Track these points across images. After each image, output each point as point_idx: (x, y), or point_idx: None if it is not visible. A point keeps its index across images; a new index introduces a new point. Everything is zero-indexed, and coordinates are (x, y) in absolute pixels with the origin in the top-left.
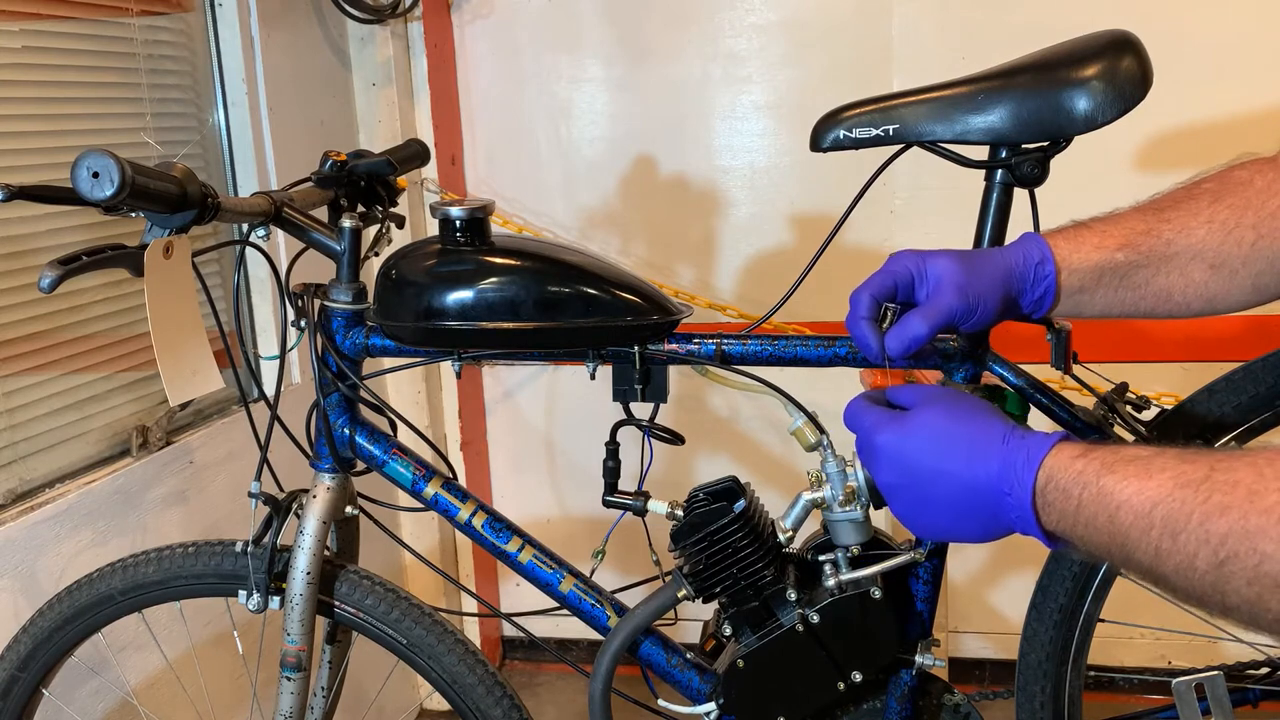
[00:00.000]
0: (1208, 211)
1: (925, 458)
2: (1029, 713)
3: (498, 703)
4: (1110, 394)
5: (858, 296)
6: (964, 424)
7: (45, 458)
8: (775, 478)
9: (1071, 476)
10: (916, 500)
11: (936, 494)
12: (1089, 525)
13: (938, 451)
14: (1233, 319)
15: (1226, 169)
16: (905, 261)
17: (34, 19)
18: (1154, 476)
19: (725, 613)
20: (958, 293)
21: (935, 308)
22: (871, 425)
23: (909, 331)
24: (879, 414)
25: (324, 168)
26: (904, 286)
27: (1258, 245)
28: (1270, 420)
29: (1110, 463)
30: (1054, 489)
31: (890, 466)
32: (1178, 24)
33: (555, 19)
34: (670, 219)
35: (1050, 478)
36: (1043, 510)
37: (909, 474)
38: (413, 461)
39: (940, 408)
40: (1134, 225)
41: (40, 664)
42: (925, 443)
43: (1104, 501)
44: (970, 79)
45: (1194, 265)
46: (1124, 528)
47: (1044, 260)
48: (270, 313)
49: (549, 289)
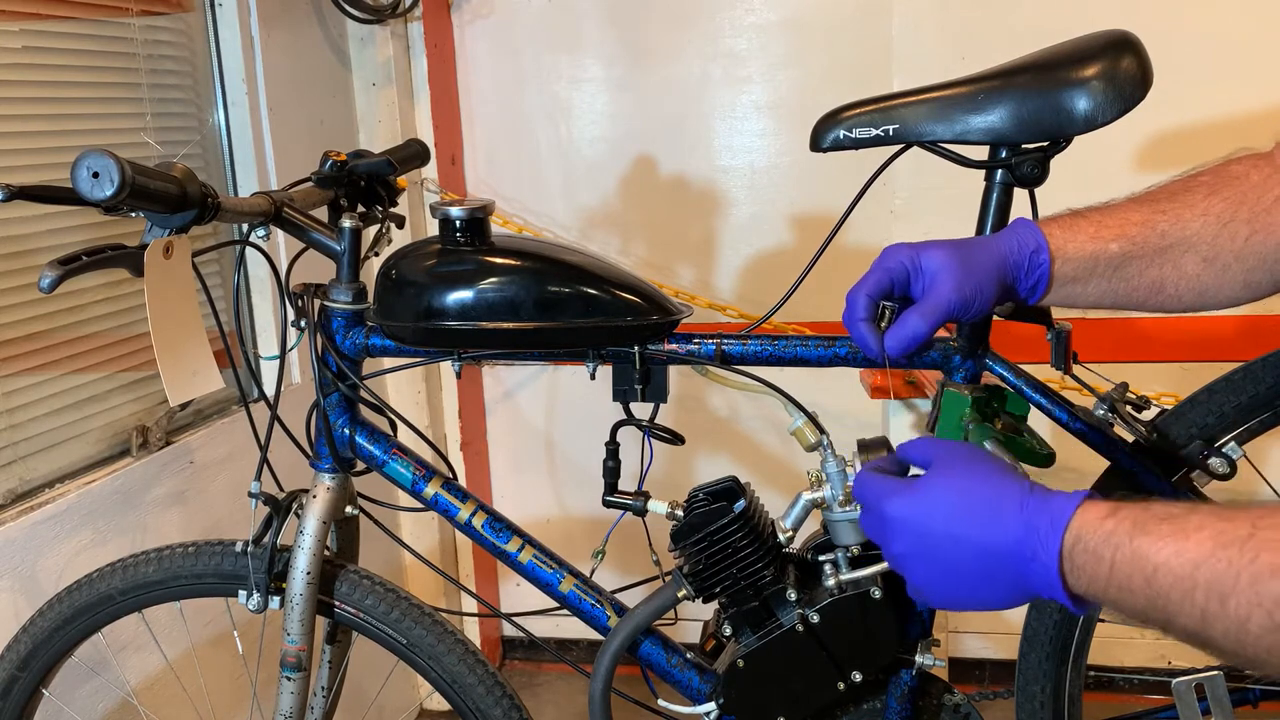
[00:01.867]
0: (1203, 204)
1: (940, 523)
2: (1029, 713)
3: (498, 703)
4: (1110, 394)
5: (854, 296)
6: (980, 485)
7: (45, 458)
8: (775, 478)
9: (1101, 538)
10: (932, 570)
11: (954, 562)
12: (1123, 589)
13: (953, 516)
14: (1233, 319)
15: (1223, 163)
16: (899, 256)
17: (34, 19)
18: (1191, 536)
19: (725, 613)
20: (954, 286)
21: (933, 304)
22: (879, 494)
23: (907, 330)
24: (886, 482)
25: (324, 168)
26: (900, 282)
27: (1251, 240)
28: (1270, 420)
29: (1142, 521)
30: (1082, 551)
31: (902, 535)
32: (1178, 24)
33: (555, 19)
34: (670, 219)
35: (1078, 539)
36: (1070, 574)
37: (923, 542)
38: (413, 461)
39: (954, 470)
40: (1129, 216)
41: (40, 664)
42: (939, 508)
43: (1139, 564)
44: (970, 79)
45: (1188, 258)
46: (1163, 591)
47: (1039, 248)
48: (270, 313)
49: (549, 289)
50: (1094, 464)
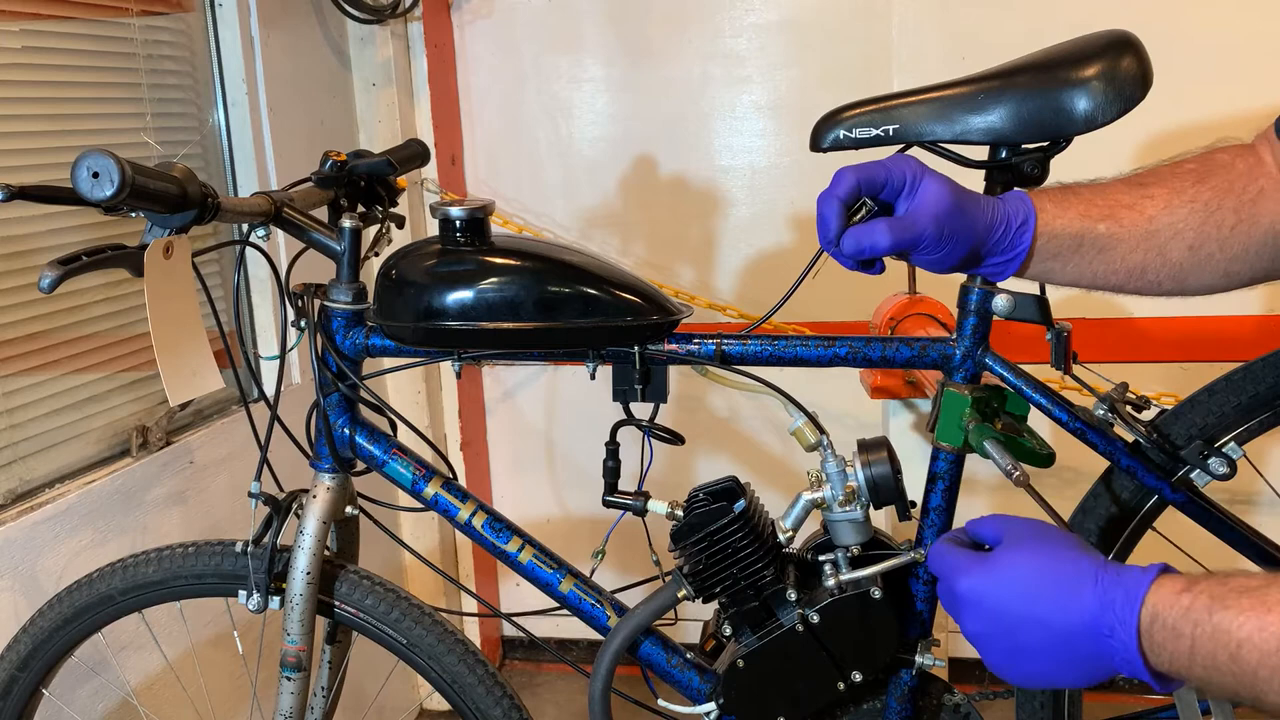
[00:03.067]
0: (1191, 191)
1: (1014, 603)
2: (1029, 713)
3: (498, 703)
4: (1110, 394)
5: (842, 174)
6: (1053, 563)
7: (45, 458)
8: (775, 478)
9: (1179, 614)
10: (1010, 649)
11: (1032, 642)
12: (1207, 666)
13: (1027, 596)
14: (1233, 319)
15: (1208, 151)
16: (906, 166)
17: (34, 19)
18: (1274, 610)
19: (725, 613)
20: (935, 221)
21: (907, 225)
22: (952, 569)
23: (869, 238)
24: (960, 556)
25: (324, 168)
26: (893, 187)
27: (1237, 229)
28: (1270, 420)
29: (1220, 596)
30: (1161, 628)
31: (977, 615)
32: (1178, 24)
33: (555, 19)
34: (670, 219)
35: (1155, 616)
36: (1150, 651)
37: (998, 622)
38: (413, 461)
39: (1025, 547)
40: (1119, 197)
41: (40, 664)
42: (1012, 587)
43: (1222, 640)
44: (970, 79)
45: (1173, 244)
46: (1250, 668)
47: (1025, 227)
48: (270, 313)
49: (549, 289)
50: (1094, 464)
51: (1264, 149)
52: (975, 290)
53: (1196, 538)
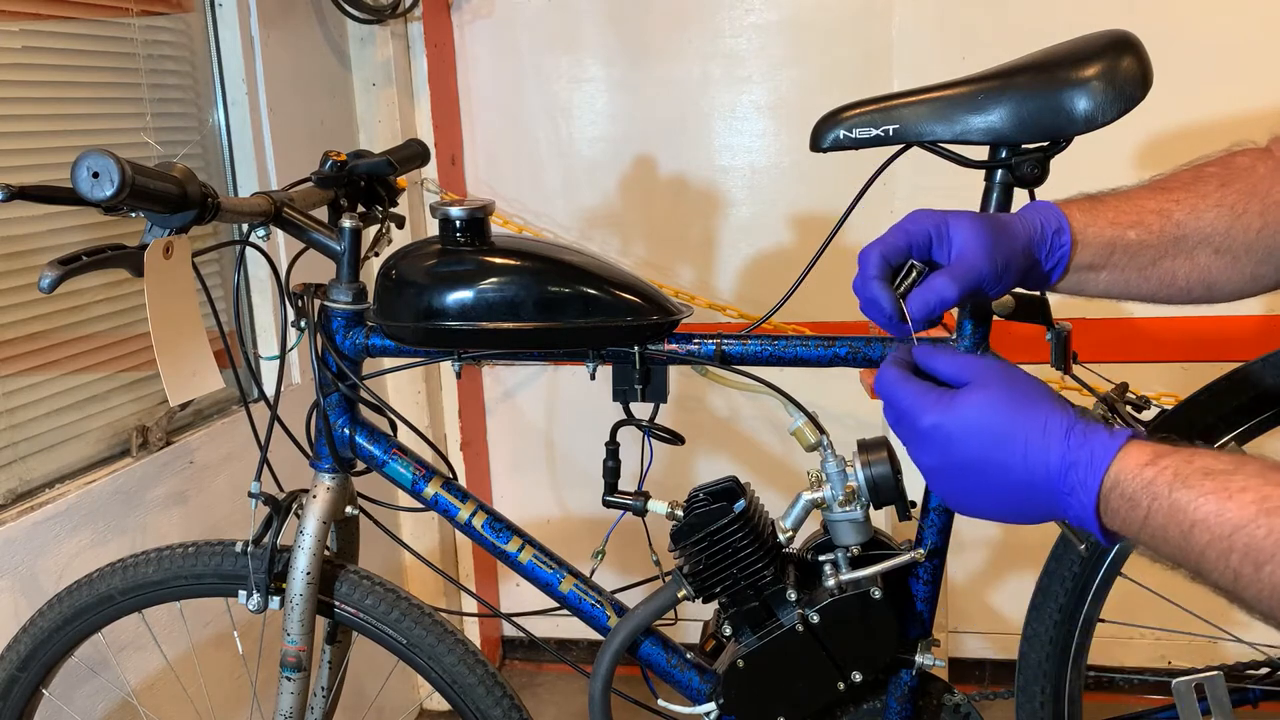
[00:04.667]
0: (1216, 195)
1: (978, 447)
2: (1029, 713)
3: (498, 703)
4: (1110, 394)
5: (868, 255)
6: (1023, 412)
7: (45, 458)
8: (775, 478)
9: (1140, 485)
10: (963, 486)
11: (988, 483)
12: (1156, 537)
13: (993, 442)
14: (1234, 319)
15: (1228, 154)
16: (924, 221)
17: (34, 19)
18: (1234, 497)
19: (725, 613)
20: (986, 255)
21: (965, 269)
22: (913, 405)
23: (935, 293)
24: (921, 391)
25: (324, 168)
26: (920, 247)
27: (1263, 232)
28: (1270, 420)
29: (1185, 475)
30: (1119, 496)
31: (935, 451)
32: (1178, 24)
33: (555, 19)
34: (670, 219)
35: (1116, 483)
36: (1105, 514)
37: (957, 461)
38: (413, 461)
39: (996, 390)
40: (1144, 204)
41: (40, 664)
42: (980, 434)
43: (1176, 517)
44: (970, 79)
45: (1201, 249)
46: (1198, 547)
47: (1060, 229)
48: (270, 313)
49: (549, 289)
50: None
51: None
52: None
53: None
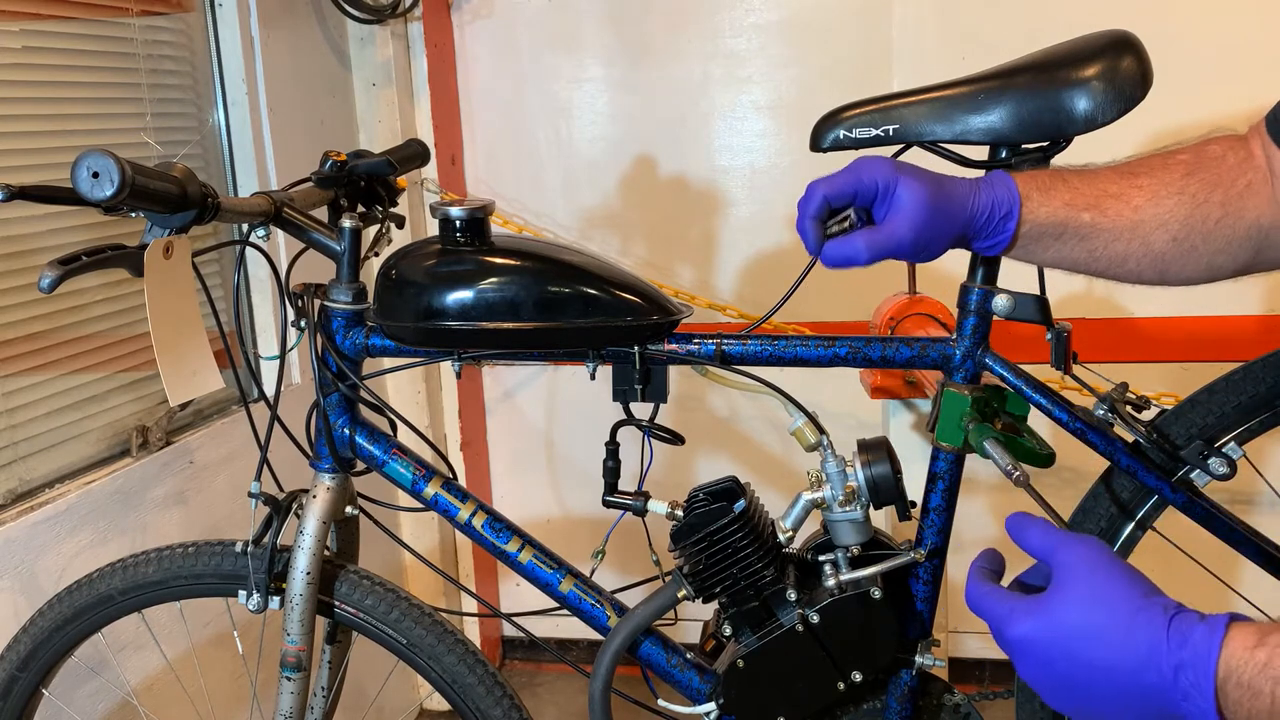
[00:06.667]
0: (1180, 183)
1: (1076, 654)
2: (1029, 713)
3: (498, 703)
4: (1110, 394)
5: (813, 190)
6: (1115, 610)
7: (45, 458)
8: (775, 478)
9: (1255, 670)
10: (1071, 696)
11: (1096, 691)
12: None
13: (1090, 647)
14: (1234, 319)
15: (1201, 142)
16: (876, 173)
17: (34, 19)
18: None
19: (725, 613)
20: (913, 228)
21: (884, 237)
22: (1001, 617)
23: (847, 251)
24: (1006, 601)
25: (324, 168)
26: (864, 196)
27: (1222, 222)
28: (1270, 420)
29: None
30: (1236, 686)
31: (1033, 666)
32: (1178, 24)
33: (555, 19)
34: (670, 219)
35: (1230, 673)
36: (1225, 709)
37: (1058, 673)
38: (413, 461)
39: (1081, 587)
40: (1106, 187)
41: (40, 664)
42: (1072, 639)
43: None
44: (970, 79)
45: (1158, 235)
46: None
47: (1009, 216)
48: (270, 313)
49: (549, 289)
50: (1094, 464)
51: (1255, 142)
52: (975, 290)
53: (1197, 538)
